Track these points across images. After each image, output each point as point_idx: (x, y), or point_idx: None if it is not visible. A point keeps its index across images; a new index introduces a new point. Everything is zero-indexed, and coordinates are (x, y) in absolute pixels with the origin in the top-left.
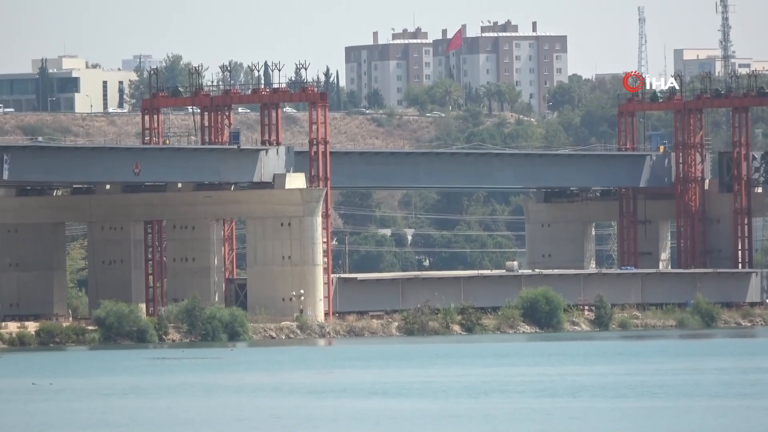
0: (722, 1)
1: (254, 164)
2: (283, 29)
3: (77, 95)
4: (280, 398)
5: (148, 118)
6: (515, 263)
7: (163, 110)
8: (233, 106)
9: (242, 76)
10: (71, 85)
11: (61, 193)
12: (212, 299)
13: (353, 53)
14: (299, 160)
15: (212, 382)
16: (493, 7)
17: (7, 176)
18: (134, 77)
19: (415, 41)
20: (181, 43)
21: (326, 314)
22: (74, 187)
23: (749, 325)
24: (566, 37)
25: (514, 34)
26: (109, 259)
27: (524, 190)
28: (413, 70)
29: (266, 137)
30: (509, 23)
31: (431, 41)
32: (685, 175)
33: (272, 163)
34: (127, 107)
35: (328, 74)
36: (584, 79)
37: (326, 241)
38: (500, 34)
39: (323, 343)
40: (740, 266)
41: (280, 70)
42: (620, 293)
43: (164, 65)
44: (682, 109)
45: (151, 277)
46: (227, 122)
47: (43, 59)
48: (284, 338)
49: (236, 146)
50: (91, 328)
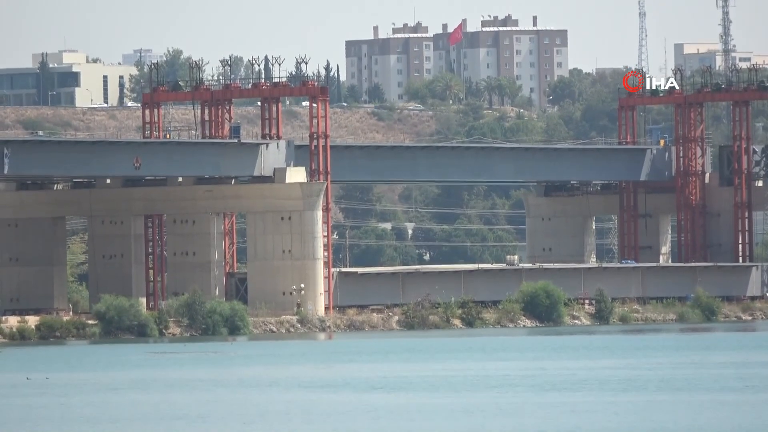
0: None
1: (255, 158)
2: (283, 23)
3: (77, 89)
4: (277, 393)
5: (148, 112)
6: (515, 257)
7: (163, 104)
8: (233, 100)
9: (243, 70)
10: (71, 79)
11: (61, 187)
12: (212, 293)
13: (354, 47)
14: (299, 154)
15: (211, 376)
16: (493, 1)
17: (7, 170)
18: (135, 72)
19: (415, 35)
20: (181, 37)
21: (326, 308)
22: (74, 181)
23: (750, 319)
24: (566, 31)
25: (514, 28)
26: (109, 253)
27: (524, 183)
28: (414, 64)
29: (267, 131)
30: (509, 17)
31: (431, 35)
32: (685, 168)
33: (273, 157)
34: (128, 102)
35: (328, 68)
36: (585, 73)
37: (326, 235)
38: (500, 28)
39: (323, 337)
40: (741, 260)
41: (280, 64)
42: (620, 287)
43: (165, 60)
44: (682, 103)
45: (151, 271)
46: (228, 116)
47: (43, 54)
48: (284, 332)
49: (237, 140)
50: (91, 322)
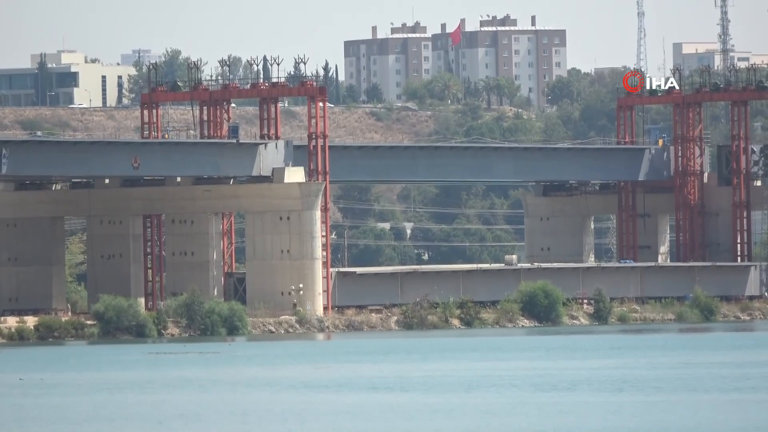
0: None
1: (253, 158)
2: (282, 24)
3: (76, 90)
4: (273, 393)
5: (147, 112)
6: (514, 257)
7: (162, 104)
8: (232, 100)
9: (241, 70)
10: (70, 79)
11: (60, 187)
12: (211, 293)
13: (352, 47)
14: (298, 154)
15: (209, 376)
16: (492, 1)
17: (6, 171)
18: (133, 72)
19: (414, 35)
20: (180, 37)
21: (325, 308)
22: (73, 181)
23: (748, 318)
24: (565, 31)
25: (513, 28)
26: (108, 253)
27: (523, 183)
28: (412, 64)
29: (265, 131)
30: (508, 17)
31: (430, 35)
32: (684, 168)
33: (271, 157)
34: (127, 102)
35: (327, 68)
36: (583, 73)
37: (325, 235)
38: (499, 28)
39: (322, 337)
40: (739, 260)
41: (279, 64)
42: (619, 287)
43: (163, 60)
44: (681, 102)
45: (150, 271)
46: (226, 116)
47: (42, 54)
48: (283, 333)
49: (235, 140)
50: (90, 322)
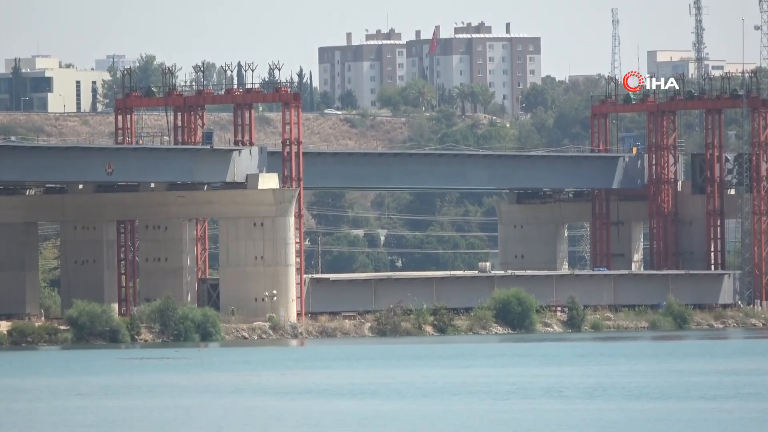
0: (696, 2)
1: (227, 164)
2: (256, 30)
3: (50, 95)
4: (242, 399)
5: (121, 118)
6: (488, 264)
7: (136, 110)
8: (206, 106)
9: (215, 76)
10: (44, 84)
11: (33, 192)
12: (185, 299)
13: (327, 54)
14: (272, 160)
15: (176, 382)
16: (466, 8)
17: None
18: (107, 77)
19: (388, 42)
20: (154, 43)
21: (299, 315)
22: (47, 186)
23: (721, 327)
24: (540, 38)
25: (487, 35)
26: (81, 258)
27: (497, 191)
28: (387, 71)
29: (239, 137)
30: (483, 24)
31: (405, 42)
32: (657, 176)
33: (245, 163)
34: (100, 107)
35: (301, 75)
36: (557, 80)
37: (299, 241)
38: (474, 35)
39: (295, 343)
40: (713, 268)
41: (253, 70)
42: (592, 294)
43: (137, 65)
44: (655, 110)
45: (123, 277)
46: (200, 122)
47: (16, 59)
48: (257, 339)
49: (209, 146)
50: (63, 327)
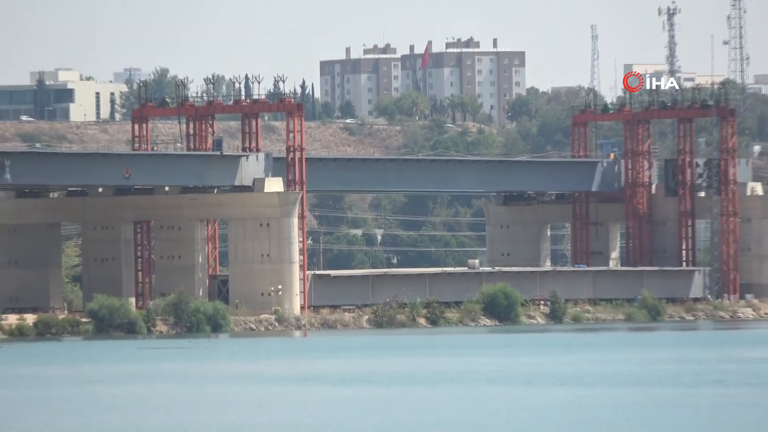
0: (669, 19)
1: (235, 169)
2: (262, 45)
3: (72, 105)
4: (251, 385)
5: (137, 126)
6: (476, 261)
7: (151, 119)
8: (216, 115)
9: (225, 88)
10: (66, 95)
11: (57, 195)
12: (197, 294)
13: (327, 67)
14: (277, 165)
15: (188, 370)
16: (456, 24)
17: (7, 180)
18: (125, 89)
19: (384, 56)
20: (168, 57)
21: (302, 308)
22: (69, 190)
23: (692, 319)
24: (524, 52)
25: (476, 50)
26: (101, 256)
27: (485, 194)
28: (383, 82)
29: (247, 144)
30: (472, 40)
31: (399, 56)
32: (633, 180)
33: (252, 168)
34: (118, 116)
35: (304, 86)
36: (541, 92)
37: (302, 240)
38: (463, 50)
39: (299, 334)
40: (684, 265)
41: (259, 82)
42: (573, 289)
43: (153, 78)
44: (631, 119)
45: (140, 273)
46: (211, 130)
47: (40, 72)
48: (263, 330)
49: (219, 153)
50: (84, 320)
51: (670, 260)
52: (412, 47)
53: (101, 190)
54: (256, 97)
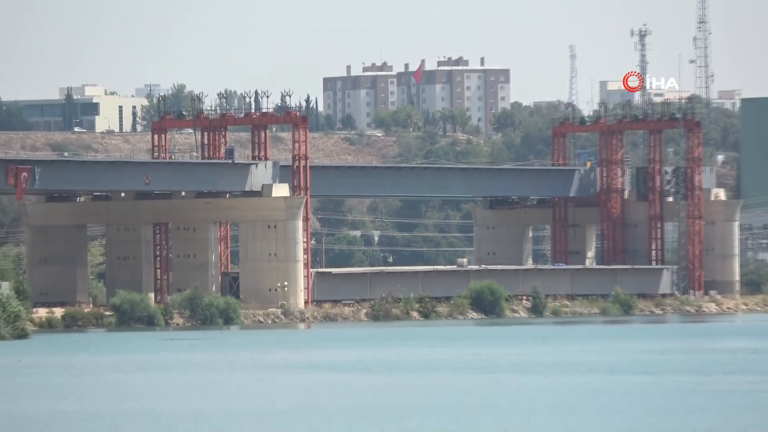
0: (641, 40)
1: (246, 176)
2: (271, 63)
3: (97, 117)
4: (258, 373)
5: (157, 137)
6: (465, 260)
7: (169, 130)
8: (228, 127)
9: (236, 102)
10: (92, 109)
11: (83, 199)
12: (210, 290)
13: (329, 83)
14: (284, 172)
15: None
16: (447, 44)
17: (37, 185)
18: (145, 103)
19: (381, 73)
20: (185, 74)
21: (306, 302)
22: (94, 194)
23: (661, 313)
24: (509, 70)
25: (465, 67)
26: (123, 255)
27: (473, 198)
28: (380, 97)
29: (256, 153)
30: (461, 59)
31: (395, 73)
32: (608, 186)
33: (261, 175)
34: (139, 128)
35: (308, 101)
36: (524, 106)
37: (306, 241)
38: (453, 67)
39: (303, 326)
40: (654, 263)
41: (268, 97)
42: (553, 285)
43: (171, 93)
44: (606, 131)
45: (158, 270)
46: (223, 141)
47: (68, 87)
48: (270, 323)
49: (231, 161)
50: (108, 313)
51: (641, 259)
52: (406, 65)
53: (123, 195)
54: (264, 110)
